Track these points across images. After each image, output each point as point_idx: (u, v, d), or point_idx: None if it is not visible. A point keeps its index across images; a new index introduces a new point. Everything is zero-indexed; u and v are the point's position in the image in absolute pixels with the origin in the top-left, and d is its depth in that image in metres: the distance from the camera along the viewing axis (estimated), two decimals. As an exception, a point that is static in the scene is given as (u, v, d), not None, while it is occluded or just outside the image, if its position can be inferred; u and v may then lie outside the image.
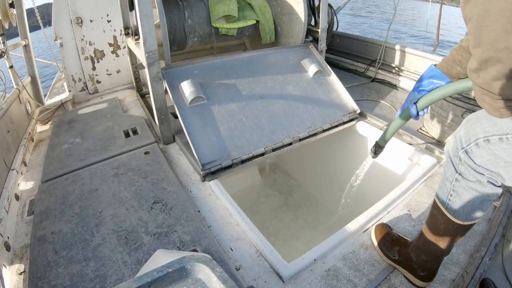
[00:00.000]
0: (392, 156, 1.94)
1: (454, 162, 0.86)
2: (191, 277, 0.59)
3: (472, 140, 0.79)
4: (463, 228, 0.92)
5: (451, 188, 0.88)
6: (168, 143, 1.91)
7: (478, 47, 0.69)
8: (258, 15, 2.41)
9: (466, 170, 0.83)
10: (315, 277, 1.10)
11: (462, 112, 1.70)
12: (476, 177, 0.82)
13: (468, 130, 0.81)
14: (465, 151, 0.81)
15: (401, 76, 2.59)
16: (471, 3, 0.68)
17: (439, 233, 0.96)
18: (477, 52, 0.70)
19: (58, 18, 2.41)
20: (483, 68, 0.69)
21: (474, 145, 0.79)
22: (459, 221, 0.89)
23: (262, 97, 1.91)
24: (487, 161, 0.78)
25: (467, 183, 0.84)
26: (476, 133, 0.78)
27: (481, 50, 0.68)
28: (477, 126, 0.78)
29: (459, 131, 0.84)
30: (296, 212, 2.74)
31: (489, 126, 0.76)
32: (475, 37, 0.70)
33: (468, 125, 0.81)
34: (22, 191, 1.59)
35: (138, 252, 1.16)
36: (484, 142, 0.76)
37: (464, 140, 0.82)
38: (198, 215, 1.34)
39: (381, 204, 1.40)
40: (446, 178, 0.90)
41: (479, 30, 0.67)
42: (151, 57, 1.65)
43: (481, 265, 1.12)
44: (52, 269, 1.10)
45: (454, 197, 0.88)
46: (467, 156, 0.81)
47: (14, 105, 1.96)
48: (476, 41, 0.69)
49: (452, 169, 0.87)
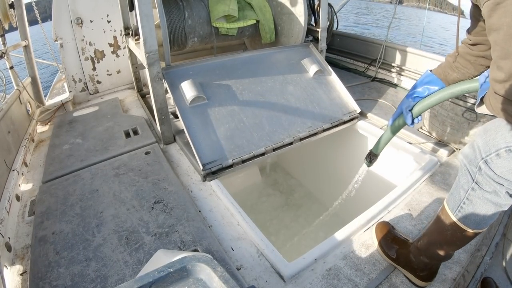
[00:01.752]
0: (393, 155, 1.94)
1: (471, 171, 0.84)
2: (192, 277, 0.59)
3: (492, 150, 0.77)
4: (470, 236, 0.90)
5: (465, 197, 0.86)
6: (168, 143, 1.91)
7: (506, 59, 0.68)
8: (258, 14, 2.41)
9: (485, 180, 0.81)
10: (316, 276, 1.10)
11: (463, 112, 1.70)
12: (494, 188, 0.80)
13: (487, 140, 0.78)
14: (485, 161, 0.79)
15: (402, 75, 2.58)
16: (500, 12, 0.66)
17: (445, 239, 0.95)
18: (505, 64, 0.68)
19: (58, 18, 2.41)
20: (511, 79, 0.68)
21: (495, 155, 0.76)
22: (469, 229, 0.88)
23: (262, 96, 1.91)
24: (508, 171, 0.75)
25: (483, 193, 0.82)
26: (496, 143, 0.76)
27: (510, 61, 0.66)
28: (498, 136, 0.76)
29: (477, 141, 0.82)
30: (297, 212, 2.75)
31: (510, 136, 0.74)
32: (503, 48, 0.68)
33: (487, 135, 0.79)
34: (23, 191, 1.59)
35: (139, 252, 1.16)
36: (506, 152, 0.74)
37: (483, 150, 0.79)
38: (199, 215, 1.34)
39: (382, 203, 1.41)
40: (461, 186, 0.88)
41: (508, 41, 0.66)
42: (151, 57, 1.65)
43: (482, 264, 1.12)
44: (53, 270, 1.10)
45: (467, 206, 0.86)
46: (487, 166, 0.79)
47: (15, 105, 1.97)
48: (504, 52, 0.68)
49: (469, 178, 0.85)
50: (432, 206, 1.41)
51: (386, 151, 1.95)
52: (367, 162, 1.49)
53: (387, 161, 2.03)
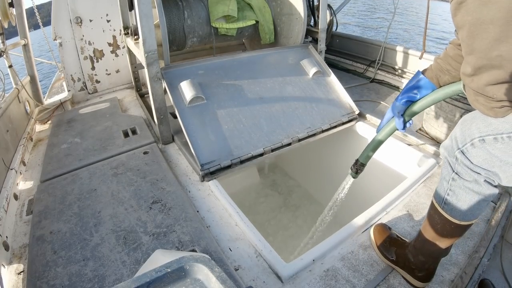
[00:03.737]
0: (391, 157, 1.94)
1: (451, 162, 0.87)
2: (190, 277, 0.59)
3: (467, 140, 0.80)
4: (460, 228, 0.92)
5: (448, 188, 0.89)
6: (167, 143, 1.91)
7: (471, 55, 0.71)
8: (257, 15, 2.41)
9: (463, 169, 0.84)
10: (314, 277, 1.10)
11: (461, 113, 1.71)
12: (473, 177, 0.82)
13: (463, 131, 0.82)
14: (461, 151, 0.83)
15: (400, 76, 2.59)
16: (462, 12, 0.69)
17: (437, 233, 0.97)
18: (470, 59, 0.72)
19: (58, 17, 2.41)
20: (478, 73, 0.71)
21: (470, 145, 0.80)
22: (456, 220, 0.90)
23: (261, 97, 1.91)
24: (483, 160, 0.79)
25: (464, 183, 0.85)
26: (471, 133, 0.79)
27: (475, 57, 0.70)
28: (472, 126, 0.80)
29: (455, 132, 0.86)
30: (295, 213, 2.75)
31: (483, 126, 0.77)
32: (467, 45, 0.71)
33: (463, 125, 0.83)
34: (21, 190, 1.59)
35: (137, 252, 1.16)
36: (480, 142, 0.78)
37: (460, 140, 0.83)
38: (197, 215, 1.34)
39: (380, 205, 1.41)
40: (443, 177, 0.91)
41: (471, 38, 0.69)
42: (151, 57, 1.65)
43: (480, 265, 1.12)
44: (51, 269, 1.10)
45: (451, 197, 0.89)
46: (464, 156, 0.82)
47: (13, 104, 1.96)
48: (469, 49, 0.71)
49: (449, 169, 0.88)
50: (430, 207, 1.41)
51: (385, 153, 1.96)
52: (352, 173, 1.37)
53: (385, 161, 2.03)
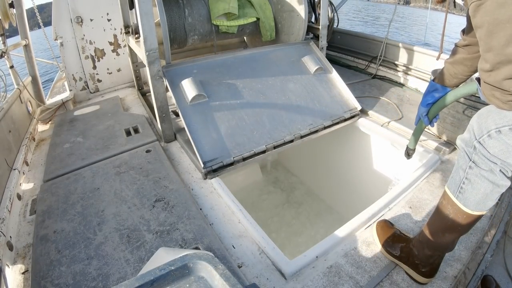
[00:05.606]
0: (394, 153, 1.93)
1: (468, 152, 0.91)
2: (194, 275, 0.59)
3: (484, 132, 0.85)
4: (471, 219, 0.94)
5: (464, 176, 0.92)
6: (169, 141, 1.91)
7: (489, 52, 0.78)
8: (258, 12, 2.40)
9: (480, 159, 0.87)
10: (317, 274, 1.10)
11: (463, 109, 1.70)
12: (490, 166, 0.86)
13: (480, 124, 0.87)
14: (479, 142, 0.87)
15: (402, 72, 2.57)
16: (481, 13, 0.76)
17: (447, 224, 0.98)
18: (488, 56, 0.79)
19: (58, 17, 2.41)
20: (495, 69, 0.78)
21: (487, 136, 0.84)
22: (469, 210, 0.92)
23: (263, 94, 1.91)
24: (499, 151, 0.83)
25: (480, 171, 0.88)
26: (488, 126, 0.84)
27: (492, 54, 0.77)
28: (489, 119, 0.84)
29: (472, 125, 0.90)
30: (298, 209, 2.75)
31: (499, 118, 0.82)
32: (486, 43, 0.78)
33: (480, 118, 0.88)
34: (24, 190, 1.60)
35: (141, 250, 1.16)
36: (496, 133, 0.82)
37: (477, 132, 0.87)
38: (200, 213, 1.34)
39: (383, 201, 1.40)
40: (460, 166, 0.94)
41: (489, 36, 0.76)
42: (152, 56, 1.65)
43: (483, 261, 1.12)
44: (55, 268, 1.10)
45: (467, 185, 0.91)
46: (482, 146, 0.86)
47: (15, 105, 1.97)
48: (487, 47, 0.78)
49: (466, 158, 0.91)
50: (433, 203, 1.41)
51: (388, 149, 1.96)
52: (406, 156, 1.64)
53: (388, 158, 2.03)
